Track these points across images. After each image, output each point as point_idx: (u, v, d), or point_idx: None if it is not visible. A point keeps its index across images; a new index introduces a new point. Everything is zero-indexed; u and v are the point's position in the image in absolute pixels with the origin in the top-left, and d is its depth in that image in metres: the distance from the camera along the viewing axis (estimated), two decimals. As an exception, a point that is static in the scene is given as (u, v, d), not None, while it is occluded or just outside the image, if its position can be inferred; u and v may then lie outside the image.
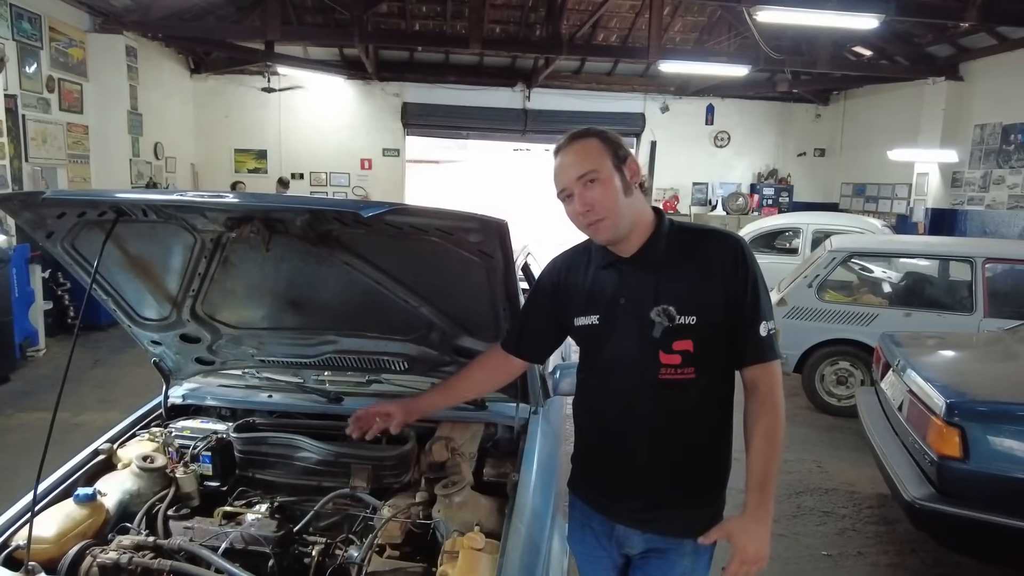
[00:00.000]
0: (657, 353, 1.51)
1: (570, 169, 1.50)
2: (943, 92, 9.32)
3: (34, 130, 6.89)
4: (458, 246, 1.57)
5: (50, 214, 1.66)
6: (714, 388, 1.57)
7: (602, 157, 1.49)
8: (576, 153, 1.50)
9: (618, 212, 1.49)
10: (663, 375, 1.52)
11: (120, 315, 2.08)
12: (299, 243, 1.66)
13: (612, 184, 1.48)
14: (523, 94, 11.61)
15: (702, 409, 1.56)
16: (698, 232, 1.59)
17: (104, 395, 5.31)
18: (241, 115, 11.30)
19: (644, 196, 1.56)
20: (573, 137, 1.53)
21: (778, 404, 1.53)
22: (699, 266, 1.52)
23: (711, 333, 1.51)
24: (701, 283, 1.51)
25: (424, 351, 2.09)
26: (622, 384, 1.57)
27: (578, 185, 1.48)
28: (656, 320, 1.49)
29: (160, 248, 1.81)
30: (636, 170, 1.53)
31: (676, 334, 1.49)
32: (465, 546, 1.63)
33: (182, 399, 2.41)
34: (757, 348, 1.52)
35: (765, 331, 1.51)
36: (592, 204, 1.48)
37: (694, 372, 1.51)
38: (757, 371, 1.54)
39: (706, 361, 1.53)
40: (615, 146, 1.52)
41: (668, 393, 1.53)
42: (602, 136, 1.53)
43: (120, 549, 1.66)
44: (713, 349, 1.53)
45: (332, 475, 2.06)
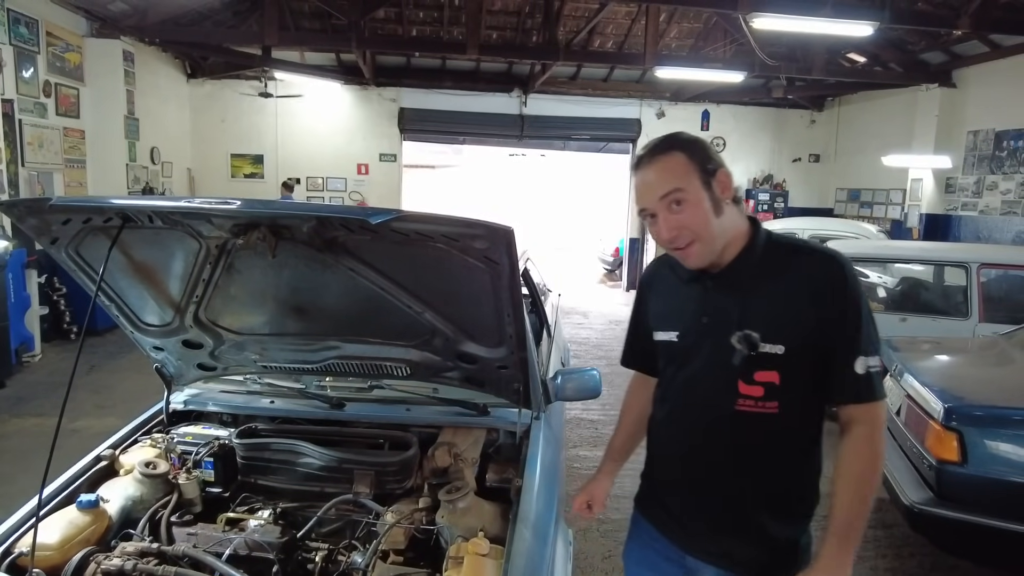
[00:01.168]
0: (736, 382, 1.38)
1: (652, 188, 1.36)
2: (936, 99, 9.38)
3: (30, 135, 6.87)
4: (463, 252, 1.57)
5: (55, 220, 1.66)
6: (801, 424, 1.42)
7: (688, 174, 1.34)
8: (658, 170, 1.36)
9: (709, 235, 1.35)
10: (740, 406, 1.39)
11: (123, 321, 2.08)
12: (304, 249, 1.67)
13: (701, 205, 1.34)
14: (519, 99, 11.63)
15: (784, 445, 1.42)
16: (794, 248, 1.42)
17: (101, 401, 5.29)
18: (238, 120, 11.28)
19: (737, 208, 1.41)
20: (655, 150, 1.38)
21: (876, 450, 1.37)
22: (791, 287, 1.36)
23: (802, 365, 1.36)
24: (791, 307, 1.35)
25: (427, 357, 2.10)
26: (696, 410, 1.46)
27: (661, 206, 1.35)
28: (737, 347, 1.35)
29: (164, 254, 1.82)
30: (727, 183, 1.37)
31: (759, 364, 1.35)
32: (470, 551, 1.63)
33: (184, 405, 2.41)
34: (851, 387, 1.35)
35: (863, 368, 1.33)
36: (679, 228, 1.35)
37: (777, 407, 1.37)
38: (851, 411, 1.37)
39: (793, 396, 1.38)
40: (703, 158, 1.36)
41: (745, 426, 1.40)
42: (688, 148, 1.37)
43: (124, 556, 1.66)
44: (802, 383, 1.37)
45: (335, 481, 2.07)
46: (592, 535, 3.33)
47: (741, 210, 1.43)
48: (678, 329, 1.47)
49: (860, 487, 1.36)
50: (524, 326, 1.83)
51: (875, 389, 1.35)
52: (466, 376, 2.17)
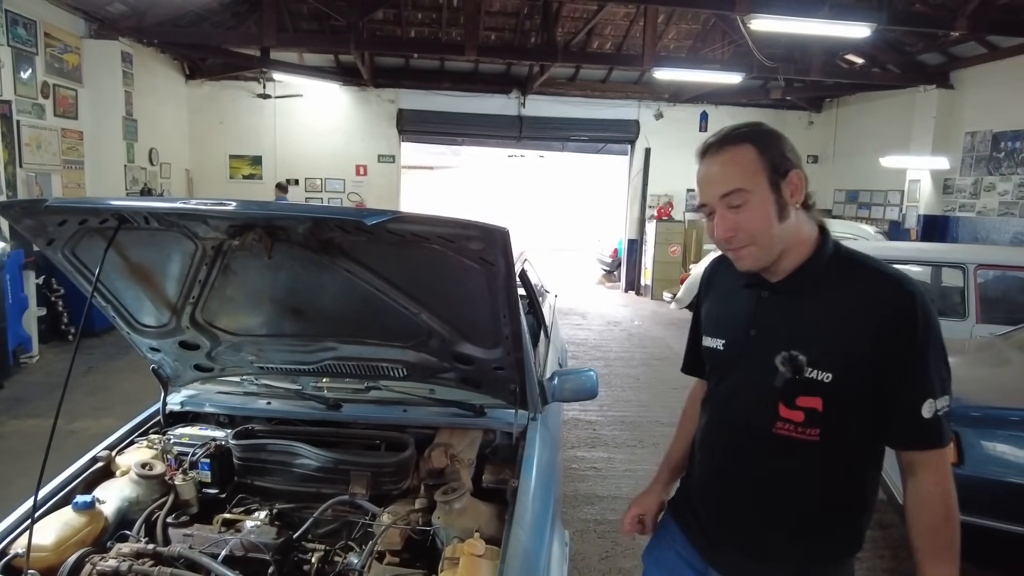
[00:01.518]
0: (777, 404, 1.28)
1: (714, 184, 1.26)
2: (934, 100, 9.40)
3: (28, 136, 6.87)
4: (459, 254, 1.58)
5: (51, 221, 1.66)
6: (848, 455, 1.30)
7: (756, 173, 1.23)
8: (724, 164, 1.25)
9: (767, 240, 1.25)
10: (779, 430, 1.29)
11: (119, 322, 2.08)
12: (300, 250, 1.67)
13: (764, 209, 1.23)
14: (518, 101, 11.65)
15: (826, 476, 1.31)
16: (865, 267, 1.28)
17: (98, 402, 5.29)
18: (236, 121, 11.29)
19: (807, 213, 1.30)
20: (725, 139, 1.27)
21: (948, 502, 1.24)
22: (851, 310, 1.23)
23: (851, 396, 1.24)
24: (848, 332, 1.22)
25: (423, 358, 2.10)
26: (733, 426, 1.38)
27: (721, 205, 1.25)
28: (780, 368, 1.25)
29: (160, 255, 1.82)
30: (799, 186, 1.26)
31: (803, 388, 1.25)
32: (465, 552, 1.63)
33: (180, 406, 2.40)
34: (915, 432, 1.23)
35: (930, 412, 1.21)
36: (736, 230, 1.25)
37: (819, 435, 1.27)
38: (915, 457, 1.26)
39: (838, 425, 1.27)
40: (775, 156, 1.25)
41: (783, 450, 1.30)
42: (761, 142, 1.25)
43: (120, 557, 1.66)
44: (850, 414, 1.26)
45: (331, 482, 2.07)
46: (589, 536, 3.33)
47: (813, 216, 1.32)
48: (725, 337, 1.38)
49: (943, 540, 1.25)
50: (520, 327, 1.83)
51: (943, 434, 1.23)
52: (463, 377, 2.17)
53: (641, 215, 12.21)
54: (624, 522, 1.70)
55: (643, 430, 5.02)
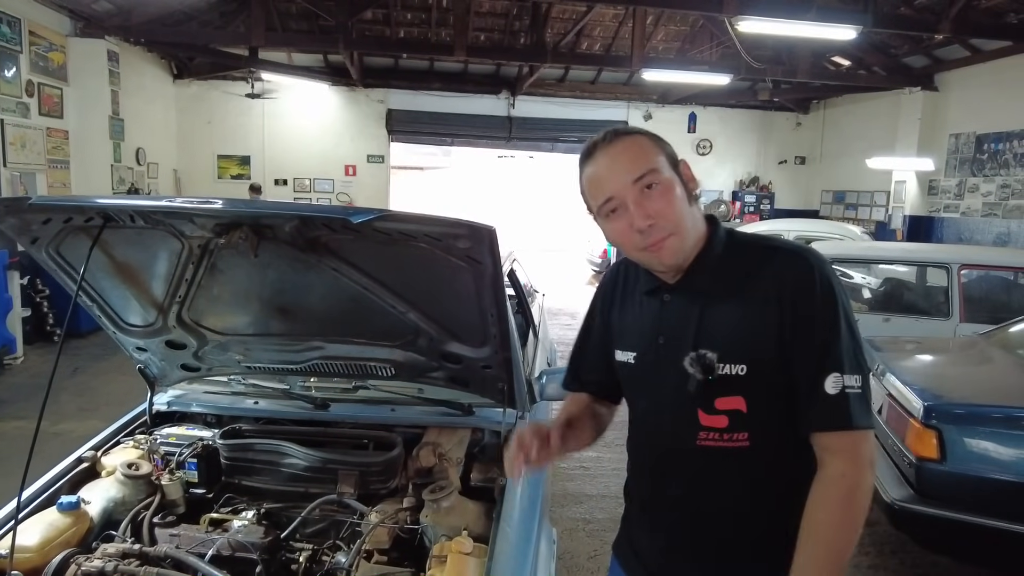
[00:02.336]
0: (695, 412, 1.16)
1: (620, 171, 1.14)
2: (919, 102, 9.51)
3: (13, 135, 6.80)
4: (446, 252, 1.58)
5: (35, 220, 1.65)
6: (784, 459, 1.17)
7: (658, 155, 1.15)
8: (626, 151, 1.15)
9: (685, 227, 1.15)
10: (703, 440, 1.17)
11: (105, 321, 2.06)
12: (287, 249, 1.66)
13: (674, 190, 1.14)
14: (507, 101, 11.67)
15: (763, 486, 1.18)
16: (758, 247, 1.20)
17: (84, 403, 5.24)
18: (224, 121, 11.23)
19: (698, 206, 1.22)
20: (616, 134, 1.19)
21: (853, 496, 1.08)
22: (752, 293, 1.14)
23: (773, 387, 1.13)
24: (753, 317, 1.13)
25: (411, 357, 2.10)
26: (657, 443, 1.27)
27: (633, 191, 1.12)
28: (690, 371, 1.14)
29: (146, 254, 1.81)
30: (691, 174, 1.19)
31: (719, 388, 1.14)
32: (453, 550, 1.64)
33: (167, 406, 2.39)
34: (820, 410, 1.10)
35: (835, 387, 1.09)
36: (655, 216, 1.12)
37: (748, 438, 1.15)
38: (824, 441, 1.12)
39: (767, 425, 1.15)
40: (665, 145, 1.19)
41: (711, 463, 1.18)
42: (649, 134, 1.20)
43: (105, 557, 1.65)
44: (778, 409, 1.15)
45: (319, 481, 2.06)
46: (578, 535, 3.34)
47: (700, 208, 1.22)
48: (636, 350, 1.26)
49: (826, 542, 1.08)
50: (508, 326, 1.84)
51: (852, 414, 1.09)
52: (451, 376, 2.17)
53: (630, 216, 12.24)
54: None
55: (632, 429, 5.03)
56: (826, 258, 1.16)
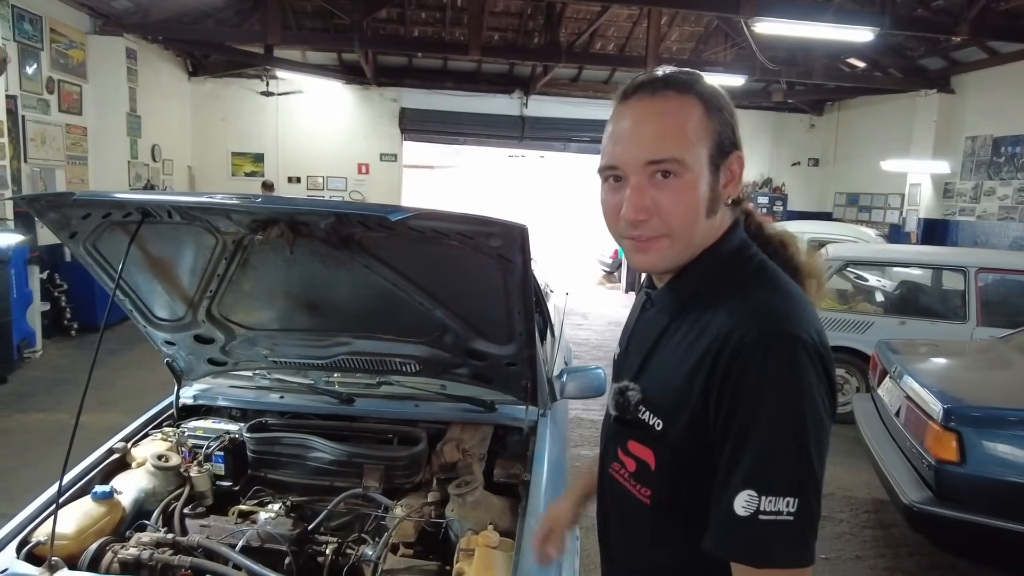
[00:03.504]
0: (615, 443, 1.03)
1: (638, 142, 0.89)
2: (935, 104, 9.46)
3: (33, 131, 6.89)
4: (477, 250, 1.60)
5: (75, 215, 1.68)
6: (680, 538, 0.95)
7: (698, 143, 0.89)
8: (659, 119, 0.89)
9: (687, 236, 0.92)
10: (614, 471, 1.03)
11: (136, 315, 2.10)
12: (320, 246, 1.69)
13: (696, 191, 0.90)
14: (520, 101, 11.68)
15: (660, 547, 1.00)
16: (737, 284, 0.92)
17: (103, 397, 5.30)
18: (238, 118, 11.31)
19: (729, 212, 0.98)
20: (665, 83, 0.91)
21: None
22: (697, 341, 0.90)
23: (683, 461, 0.91)
24: (684, 375, 0.90)
25: (436, 353, 2.12)
26: (601, 456, 1.15)
27: (643, 173, 0.89)
28: (615, 399, 1.00)
29: (180, 249, 1.84)
30: (737, 174, 0.94)
31: (633, 432, 0.97)
32: (480, 544, 1.66)
33: (193, 399, 2.43)
34: (725, 531, 0.84)
35: (747, 510, 0.81)
36: (653, 212, 0.90)
37: (649, 496, 0.96)
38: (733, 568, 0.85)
39: (672, 497, 0.94)
40: (724, 126, 0.91)
41: (617, 498, 1.05)
42: (711, 102, 0.91)
43: (140, 546, 1.68)
44: (683, 487, 0.92)
45: (344, 475, 2.09)
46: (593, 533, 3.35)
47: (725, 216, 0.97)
48: (620, 348, 1.15)
49: None
50: (534, 324, 1.86)
51: (764, 549, 0.81)
52: (475, 373, 2.20)
53: (642, 216, 12.23)
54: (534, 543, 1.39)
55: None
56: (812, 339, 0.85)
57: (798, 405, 0.82)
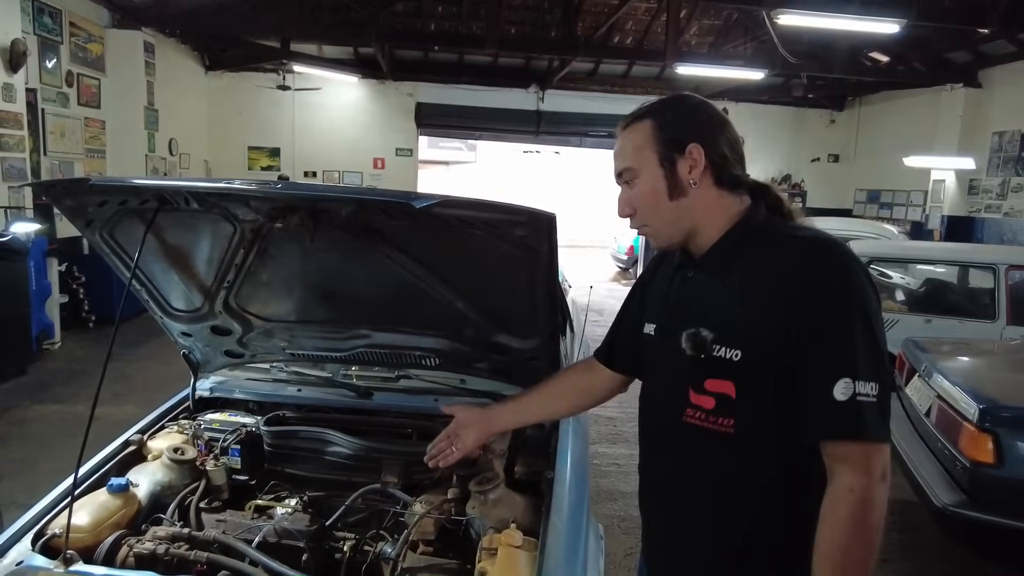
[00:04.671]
0: (687, 389, 1.17)
1: (614, 161, 1.25)
2: (961, 99, 9.26)
3: (52, 124, 6.92)
4: (502, 239, 1.55)
5: (92, 202, 1.65)
6: (766, 453, 1.12)
7: (645, 150, 1.19)
8: (621, 141, 1.24)
9: (659, 220, 1.22)
10: (689, 418, 1.17)
11: (152, 306, 2.07)
12: (340, 235, 1.64)
13: (650, 187, 1.19)
14: (537, 95, 11.60)
15: (747, 481, 1.14)
16: (783, 235, 1.16)
17: (119, 389, 5.31)
18: (255, 113, 11.33)
19: (726, 191, 1.20)
20: (631, 116, 1.25)
21: (861, 514, 1.00)
22: (762, 280, 1.11)
23: (766, 380, 1.09)
24: (758, 306, 1.09)
25: (457, 347, 2.07)
26: (656, 421, 1.28)
27: (620, 183, 1.25)
28: (683, 346, 1.15)
29: (197, 238, 1.81)
30: (699, 160, 1.17)
31: (711, 369, 1.13)
32: (503, 543, 1.61)
33: (209, 392, 2.40)
34: (825, 417, 1.03)
35: (846, 394, 1.01)
36: (631, 208, 1.24)
37: (733, 426, 1.12)
38: (832, 451, 1.04)
39: (757, 416, 1.11)
40: (675, 130, 1.18)
41: (696, 442, 1.17)
42: (662, 116, 1.20)
43: (155, 540, 1.65)
44: (768, 402, 1.10)
45: (362, 470, 2.05)
46: (613, 532, 3.30)
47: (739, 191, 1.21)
48: (656, 322, 1.30)
49: (836, 563, 1.02)
50: (557, 318, 1.80)
51: (864, 424, 1.01)
52: (495, 367, 2.15)
53: (659, 212, 12.11)
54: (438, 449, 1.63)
55: (663, 427, 4.98)
56: (854, 253, 1.10)
57: (866, 304, 1.06)
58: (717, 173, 1.19)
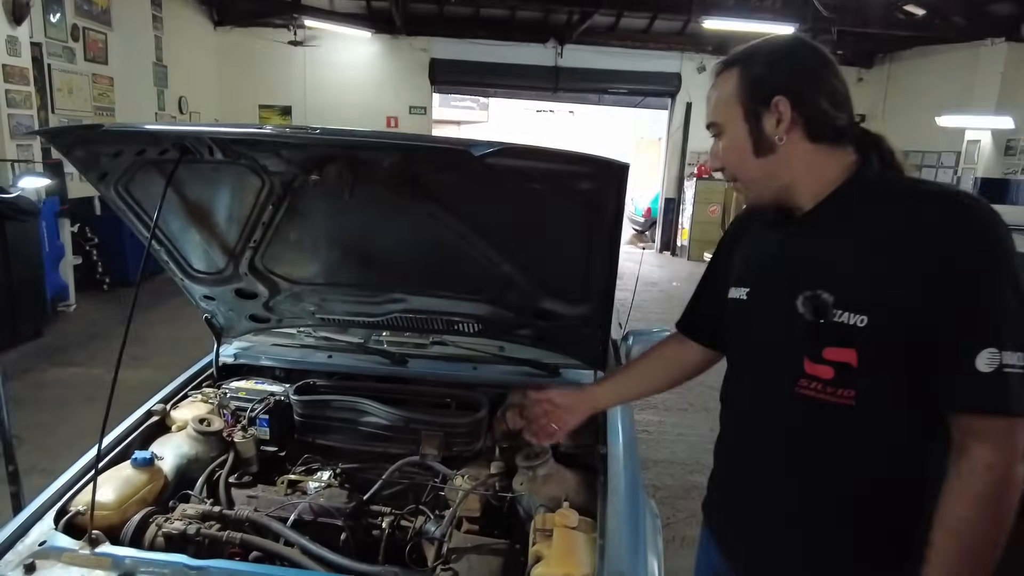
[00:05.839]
0: (800, 358, 1.07)
1: (706, 110, 1.19)
2: (1002, 54, 8.83)
3: (60, 80, 6.73)
4: (563, 194, 1.38)
5: (105, 152, 1.49)
6: (891, 425, 1.04)
7: (730, 105, 1.11)
8: (710, 91, 1.17)
9: (746, 177, 1.15)
10: (801, 389, 1.07)
11: (173, 267, 1.93)
12: (381, 189, 1.48)
13: (735, 143, 1.13)
14: (555, 51, 11.20)
15: (868, 458, 1.06)
16: (911, 191, 1.04)
17: (136, 352, 5.24)
18: (266, 70, 11.03)
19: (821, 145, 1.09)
20: (720, 64, 1.16)
21: (998, 492, 0.94)
22: (894, 239, 0.99)
23: (894, 347, 0.99)
24: (888, 266, 0.98)
25: (499, 313, 1.92)
26: (756, 388, 1.18)
27: (710, 133, 1.19)
28: (801, 311, 1.05)
29: (222, 193, 1.65)
30: (785, 114, 1.07)
31: (830, 337, 1.03)
32: (558, 524, 1.49)
33: (234, 358, 2.28)
34: (966, 389, 0.95)
35: (990, 365, 0.92)
36: (721, 162, 1.17)
37: (854, 397, 1.03)
38: (969, 424, 0.96)
39: (880, 386, 1.02)
40: (760, 82, 1.09)
41: (807, 415, 1.08)
42: (749, 65, 1.11)
43: (185, 518, 1.54)
44: (896, 371, 1.01)
45: (400, 442, 1.94)
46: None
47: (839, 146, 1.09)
48: (749, 285, 1.19)
49: (964, 543, 0.94)
50: (615, 282, 1.64)
51: (1010, 397, 0.92)
52: (540, 334, 2.01)
53: (680, 173, 11.83)
54: None
55: (691, 393, 4.85)
56: (996, 211, 0.98)
57: (1013, 266, 0.95)
58: (811, 126, 1.08)
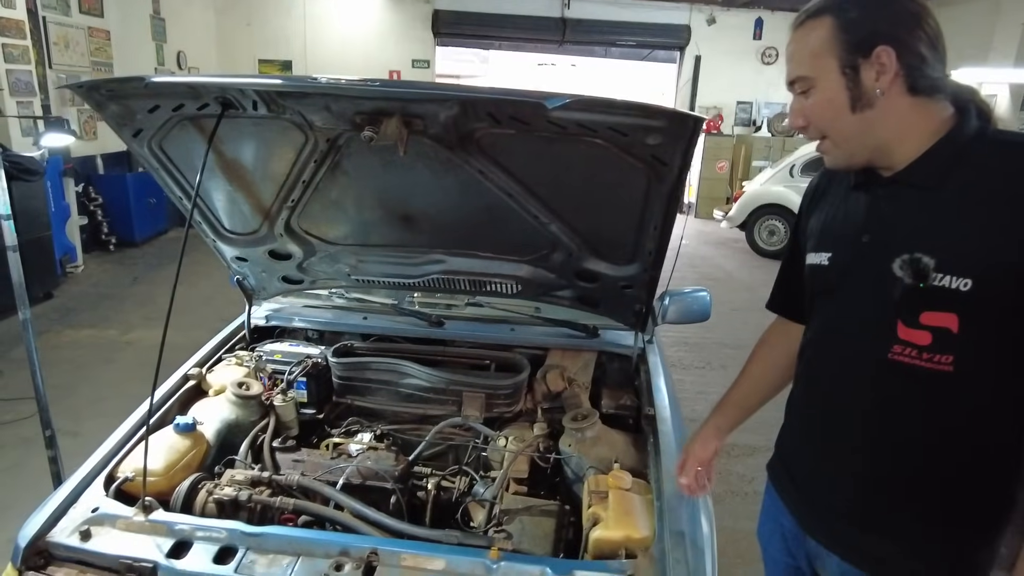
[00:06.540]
0: (894, 323, 1.02)
1: (787, 66, 1.09)
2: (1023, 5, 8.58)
3: (56, 34, 6.51)
4: (626, 150, 1.32)
5: (141, 107, 1.42)
6: (989, 394, 1.01)
7: (822, 56, 1.02)
8: (795, 44, 1.07)
9: (839, 135, 1.06)
10: (895, 355, 1.03)
11: (205, 228, 1.88)
12: (431, 146, 1.42)
13: (828, 97, 1.03)
14: (562, 2, 10.88)
15: (964, 426, 1.03)
16: (1015, 144, 1.00)
17: (148, 313, 5.22)
18: (264, 23, 10.71)
19: (921, 99, 1.02)
20: (805, 12, 1.06)
21: None
22: (1001, 199, 0.95)
23: (998, 311, 0.96)
24: (996, 227, 0.94)
25: (540, 273, 1.88)
26: (843, 354, 1.13)
27: (794, 91, 1.09)
28: (899, 274, 1.01)
29: (261, 150, 1.58)
30: (887, 66, 0.99)
31: (929, 301, 0.99)
32: (612, 485, 1.47)
33: (265, 320, 2.24)
34: None
35: None
36: (806, 120, 1.08)
37: (952, 363, 0.99)
38: None
39: (981, 353, 0.99)
40: (859, 31, 1.00)
41: (901, 382, 1.04)
42: (843, 13, 1.01)
43: (235, 484, 1.52)
44: (999, 338, 0.98)
45: (440, 403, 1.92)
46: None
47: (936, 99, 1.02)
48: (832, 250, 1.13)
49: None
50: (668, 242, 1.59)
51: None
52: (580, 295, 1.96)
53: (686, 129, 11.61)
54: (679, 481, 1.39)
55: (708, 352, 4.86)
56: None
57: None
58: (911, 78, 1.00)
